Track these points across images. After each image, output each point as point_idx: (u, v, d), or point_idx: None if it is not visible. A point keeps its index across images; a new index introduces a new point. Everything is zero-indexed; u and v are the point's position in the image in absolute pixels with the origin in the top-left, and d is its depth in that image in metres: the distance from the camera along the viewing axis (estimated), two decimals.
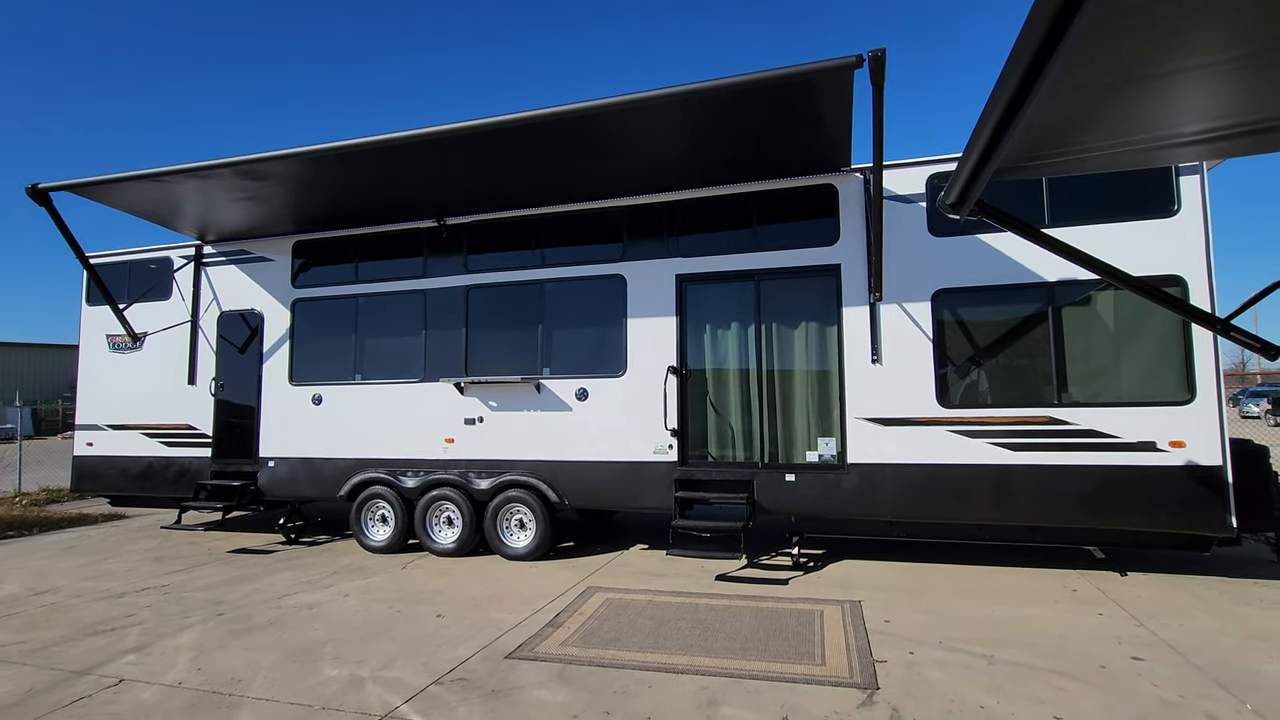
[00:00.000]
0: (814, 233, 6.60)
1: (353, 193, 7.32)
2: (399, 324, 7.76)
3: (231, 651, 4.59)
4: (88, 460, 8.89)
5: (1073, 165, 3.44)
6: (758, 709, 3.62)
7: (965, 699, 3.70)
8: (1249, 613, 5.02)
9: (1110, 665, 4.11)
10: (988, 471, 5.89)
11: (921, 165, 6.33)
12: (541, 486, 6.99)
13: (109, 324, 8.79)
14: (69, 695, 3.94)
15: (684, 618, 5.10)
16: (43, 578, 6.70)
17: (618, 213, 7.19)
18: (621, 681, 4.00)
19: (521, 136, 6.01)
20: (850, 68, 4.76)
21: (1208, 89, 2.68)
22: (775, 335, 6.69)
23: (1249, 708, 3.54)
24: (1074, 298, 5.88)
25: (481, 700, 3.78)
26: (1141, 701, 3.64)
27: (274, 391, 8.15)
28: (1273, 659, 4.16)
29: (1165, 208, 5.72)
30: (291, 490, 8.03)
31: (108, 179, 7.03)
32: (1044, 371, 5.90)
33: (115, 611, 5.54)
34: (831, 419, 6.41)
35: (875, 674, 4.02)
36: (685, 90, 5.23)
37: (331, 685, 4.01)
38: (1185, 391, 5.56)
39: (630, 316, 6.97)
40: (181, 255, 8.73)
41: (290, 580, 6.41)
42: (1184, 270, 5.61)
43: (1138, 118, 2.83)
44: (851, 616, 5.05)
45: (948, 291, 6.15)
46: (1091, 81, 2.44)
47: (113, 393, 8.82)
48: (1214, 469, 5.44)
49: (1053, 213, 5.95)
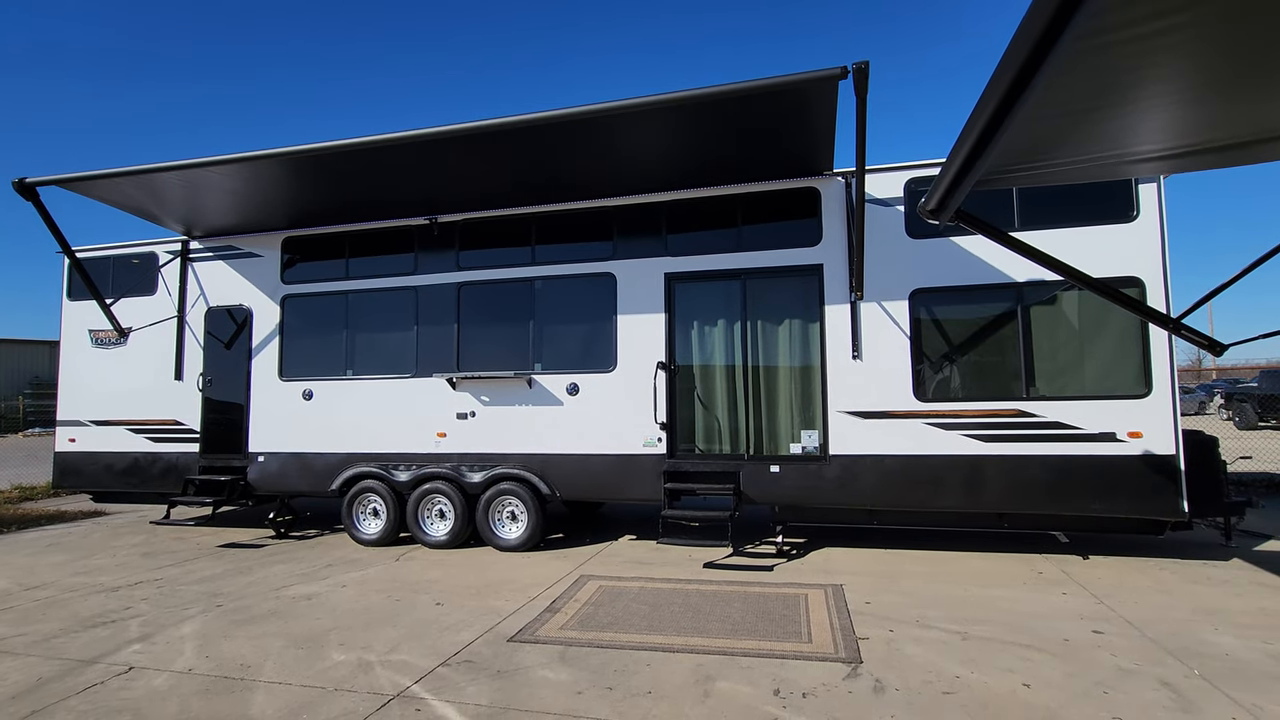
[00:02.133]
0: (797, 234, 6.87)
1: (344, 191, 7.41)
2: (391, 320, 7.86)
3: (237, 640, 4.70)
4: (70, 456, 8.81)
5: (1041, 178, 3.74)
6: (751, 682, 3.86)
7: (941, 670, 3.99)
8: (1199, 590, 5.42)
9: (1073, 639, 4.44)
10: (961, 462, 6.22)
11: (900, 170, 6.64)
12: (533, 479, 7.16)
13: (91, 319, 8.72)
14: (81, 683, 4.03)
15: (676, 602, 5.33)
16: (30, 573, 6.69)
17: (608, 212, 7.38)
18: (621, 661, 4.21)
19: (516, 140, 6.18)
20: (835, 79, 5.02)
21: (1166, 115, 2.98)
22: (760, 332, 6.95)
23: (1196, 672, 3.89)
24: (1041, 297, 6.24)
25: (489, 680, 3.96)
26: (1100, 669, 3.96)
27: (263, 387, 8.19)
28: (1218, 630, 4.54)
29: (1125, 213, 6.10)
30: (282, 485, 8.08)
31: (94, 175, 7.02)
32: (1013, 367, 6.25)
33: (112, 605, 5.59)
34: (814, 412, 6.70)
35: (859, 650, 4.30)
36: (676, 97, 5.45)
37: (341, 669, 4.16)
38: (1143, 385, 5.95)
39: (620, 313, 7.17)
40: (167, 250, 8.69)
41: (285, 573, 6.50)
42: (1142, 272, 6.00)
43: (1101, 139, 3.12)
44: (834, 599, 5.33)
45: (924, 291, 6.47)
46: (1062, 107, 2.71)
47: (96, 388, 8.76)
48: (1168, 458, 5.84)
49: (1022, 217, 6.29)
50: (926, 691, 3.72)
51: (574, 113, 5.71)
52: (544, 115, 5.75)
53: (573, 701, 3.67)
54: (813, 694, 3.70)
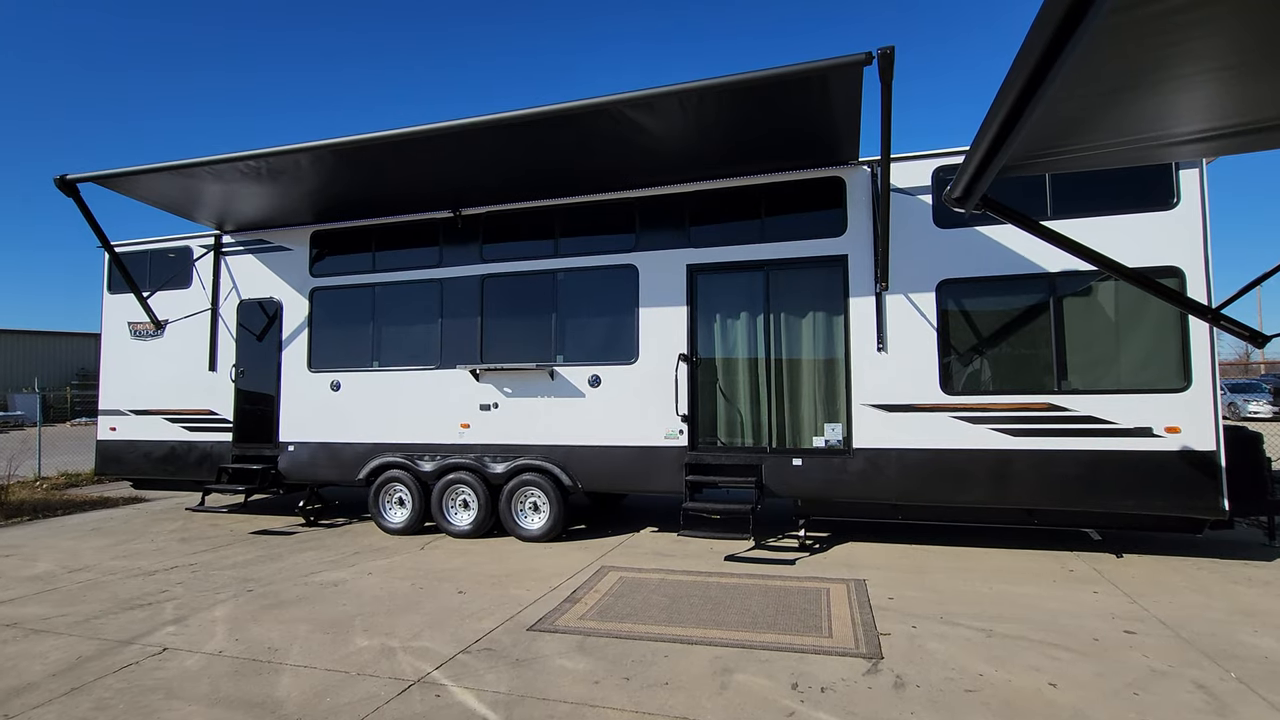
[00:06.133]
0: (822, 224, 6.76)
1: (370, 184, 7.50)
2: (416, 312, 7.96)
3: (266, 624, 4.83)
4: (111, 445, 9.13)
5: (1073, 163, 3.61)
6: (770, 676, 3.84)
7: (965, 667, 3.92)
8: (1238, 590, 5.23)
9: (1103, 638, 4.32)
10: (989, 456, 6.09)
11: (927, 159, 6.48)
12: (555, 470, 7.21)
13: (130, 311, 9.00)
14: (118, 662, 4.18)
15: (696, 595, 5.32)
16: (75, 556, 6.95)
17: (630, 204, 7.36)
18: (639, 651, 4.22)
19: (537, 131, 6.17)
20: (860, 65, 4.91)
21: (1205, 93, 2.84)
22: (783, 324, 6.87)
23: (1233, 675, 3.76)
24: (1075, 288, 6.05)
25: (508, 668, 4.00)
26: (1131, 670, 3.85)
27: (293, 378, 8.37)
28: (1258, 633, 4.38)
29: (1165, 200, 5.87)
30: (311, 474, 8.26)
31: (132, 171, 7.22)
32: (1045, 360, 6.08)
33: (150, 587, 5.79)
34: (838, 405, 6.61)
35: (880, 645, 4.24)
36: (699, 86, 5.39)
37: (365, 654, 4.24)
38: (1181, 379, 5.74)
39: (642, 305, 7.15)
40: (201, 245, 8.92)
41: (314, 560, 6.65)
42: (1182, 261, 5.78)
43: (1137, 119, 2.99)
44: (856, 593, 5.27)
45: (952, 282, 6.32)
46: (1094, 87, 2.60)
47: (135, 379, 9.05)
48: (1208, 454, 5.63)
49: (1055, 205, 6.11)
50: (948, 689, 3.66)
51: (596, 102, 5.69)
52: (566, 105, 5.74)
53: (590, 691, 3.69)
54: (831, 688, 3.67)
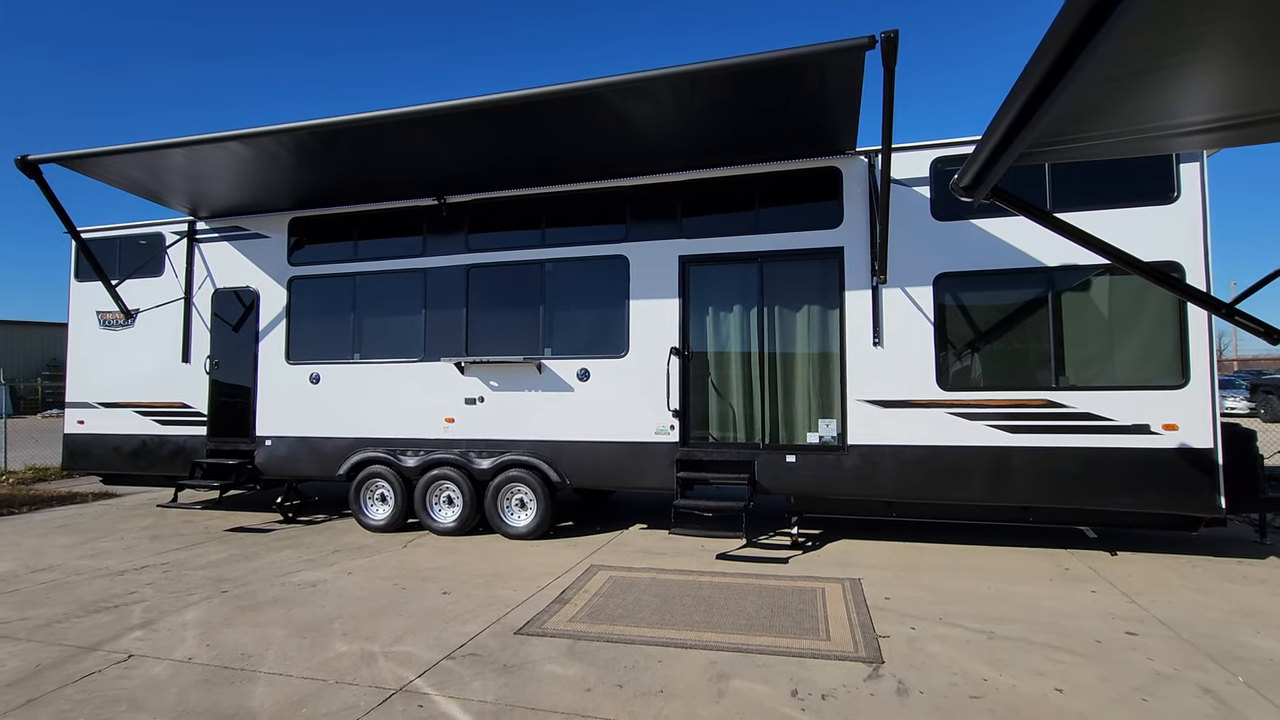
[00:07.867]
0: (818, 215, 6.61)
1: (351, 170, 7.23)
2: (399, 303, 7.71)
3: (239, 628, 4.60)
4: (79, 438, 8.78)
5: (1077, 153, 3.47)
6: (768, 682, 3.70)
7: (968, 671, 3.81)
8: (1235, 589, 5.18)
9: (1105, 640, 4.24)
10: (986, 453, 5.99)
11: (926, 149, 6.35)
12: (543, 466, 7.02)
13: (99, 300, 8.64)
14: (79, 671, 3.94)
15: (688, 595, 5.18)
16: (39, 555, 6.65)
17: (621, 193, 7.15)
18: (631, 656, 4.06)
19: (524, 114, 5.95)
20: (862, 49, 4.74)
21: (1218, 80, 2.71)
22: (777, 317, 6.72)
23: (1239, 679, 3.68)
24: (1073, 283, 5.96)
25: (495, 674, 3.82)
26: (1137, 674, 3.76)
27: (271, 370, 8.08)
28: (1259, 633, 4.31)
29: (1165, 194, 5.79)
30: (289, 469, 8.00)
31: (98, 151, 6.88)
32: (1042, 355, 5.99)
33: (117, 589, 5.52)
34: (832, 401, 6.48)
35: (879, 648, 4.12)
36: (692, 69, 5.20)
37: (344, 660, 4.04)
38: (1179, 375, 5.68)
39: (632, 297, 6.97)
40: (174, 231, 8.57)
41: (292, 558, 6.41)
42: (1181, 256, 5.70)
43: (1146, 109, 2.86)
44: (852, 593, 5.15)
45: (950, 275, 6.21)
46: (1108, 74, 2.45)
47: (104, 370, 8.70)
48: (1206, 451, 5.58)
49: (1054, 198, 6.00)
50: (952, 695, 3.54)
51: (585, 86, 5.47)
52: (554, 88, 5.52)
53: (581, 699, 3.52)
54: (833, 695, 3.54)
